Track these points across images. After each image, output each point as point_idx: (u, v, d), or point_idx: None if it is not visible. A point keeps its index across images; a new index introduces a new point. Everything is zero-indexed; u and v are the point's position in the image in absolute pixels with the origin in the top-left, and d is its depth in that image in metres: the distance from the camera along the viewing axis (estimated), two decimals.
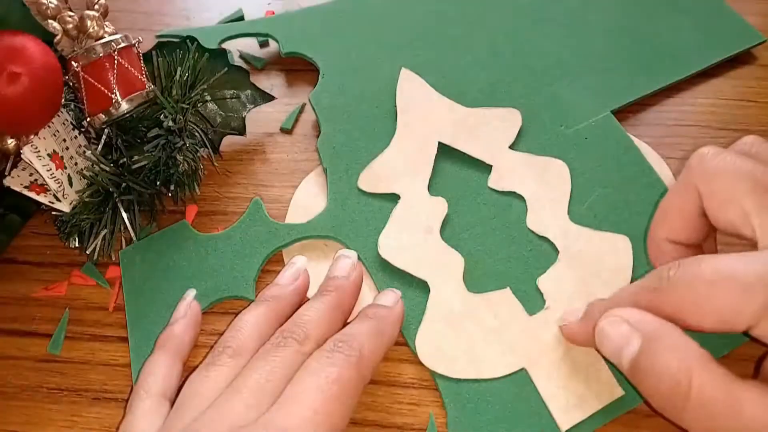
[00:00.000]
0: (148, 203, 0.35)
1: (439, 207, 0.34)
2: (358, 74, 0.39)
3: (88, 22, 0.33)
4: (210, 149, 0.36)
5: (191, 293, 0.32)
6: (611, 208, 0.33)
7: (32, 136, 0.31)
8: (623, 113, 0.38)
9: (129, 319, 0.32)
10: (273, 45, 0.44)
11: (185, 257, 0.34)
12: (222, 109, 0.37)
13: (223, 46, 0.43)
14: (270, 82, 0.42)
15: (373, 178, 0.35)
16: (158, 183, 0.34)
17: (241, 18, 0.46)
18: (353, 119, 0.37)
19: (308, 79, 0.42)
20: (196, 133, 0.35)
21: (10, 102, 0.29)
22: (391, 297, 0.30)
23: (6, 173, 0.32)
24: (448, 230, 0.33)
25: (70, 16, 0.33)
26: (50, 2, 0.32)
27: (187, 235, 0.35)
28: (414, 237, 0.33)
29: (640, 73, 0.38)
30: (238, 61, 0.43)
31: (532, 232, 0.33)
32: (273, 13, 0.46)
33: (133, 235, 0.34)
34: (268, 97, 0.38)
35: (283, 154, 0.38)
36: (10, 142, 0.31)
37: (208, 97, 0.36)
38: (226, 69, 0.36)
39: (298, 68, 0.42)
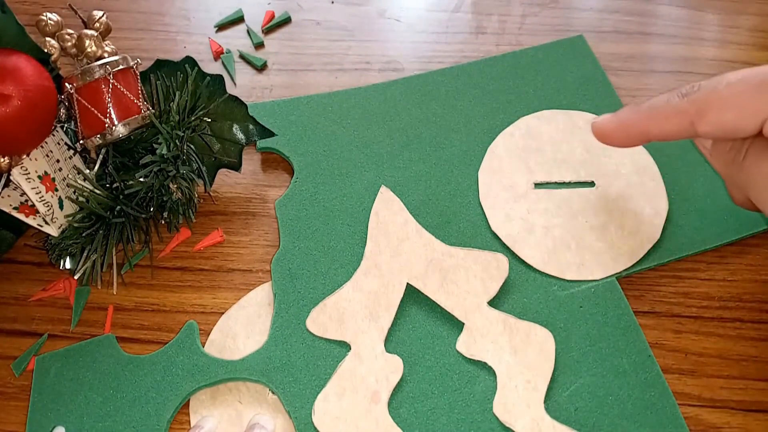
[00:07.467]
0: (143, 228, 0.35)
1: (393, 370, 0.29)
2: (333, 184, 0.36)
3: (86, 42, 0.32)
4: (205, 180, 0.35)
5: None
6: (597, 404, 0.28)
7: (24, 157, 0.30)
8: None
9: None
10: (271, 46, 0.44)
11: (100, 379, 0.30)
12: (219, 140, 0.36)
13: (222, 48, 0.43)
14: (270, 82, 0.42)
15: (323, 320, 0.31)
16: (151, 209, 0.34)
17: (241, 18, 0.45)
18: (318, 236, 0.34)
19: (308, 79, 0.41)
20: (192, 162, 0.34)
21: None
22: None
23: None
24: (399, 397, 0.29)
25: (69, 34, 0.32)
26: (50, 19, 0.32)
27: (109, 353, 0.31)
28: (357, 405, 0.28)
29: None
30: (238, 61, 0.43)
31: (497, 418, 0.28)
32: (273, 13, 0.45)
33: (114, 263, 0.33)
34: (268, 133, 0.36)
35: None
36: (3, 161, 0.30)
37: (206, 127, 0.35)
38: (226, 95, 0.35)
39: (297, 68, 0.42)
